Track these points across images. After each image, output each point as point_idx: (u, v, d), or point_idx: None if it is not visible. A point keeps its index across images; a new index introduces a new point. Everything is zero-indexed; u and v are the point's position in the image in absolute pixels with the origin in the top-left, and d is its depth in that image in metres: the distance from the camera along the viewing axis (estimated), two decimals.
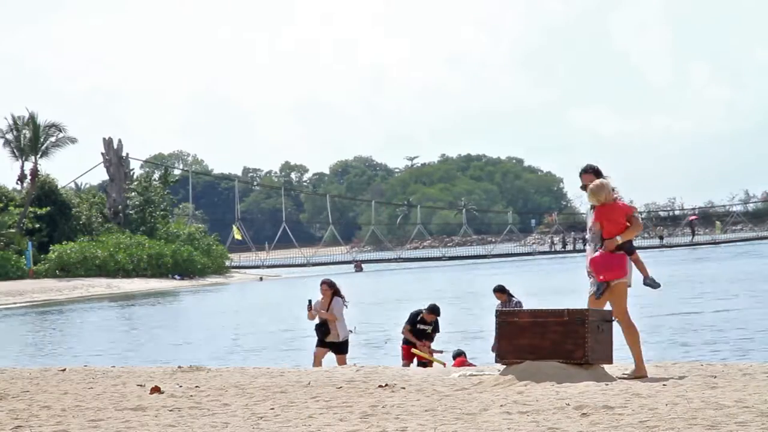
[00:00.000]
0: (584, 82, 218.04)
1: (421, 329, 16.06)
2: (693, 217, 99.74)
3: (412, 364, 15.66)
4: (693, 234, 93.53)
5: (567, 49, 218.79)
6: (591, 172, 10.25)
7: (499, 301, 15.73)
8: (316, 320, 16.02)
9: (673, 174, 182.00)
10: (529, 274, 54.20)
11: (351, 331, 26.82)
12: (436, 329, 16.16)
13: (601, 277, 9.65)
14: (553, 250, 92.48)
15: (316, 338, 16.17)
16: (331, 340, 15.82)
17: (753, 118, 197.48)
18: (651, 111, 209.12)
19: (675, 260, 62.75)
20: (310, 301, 15.90)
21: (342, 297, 15.99)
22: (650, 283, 9.81)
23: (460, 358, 15.75)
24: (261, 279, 71.59)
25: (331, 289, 15.89)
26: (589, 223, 9.98)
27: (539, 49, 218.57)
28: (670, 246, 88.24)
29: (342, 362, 15.85)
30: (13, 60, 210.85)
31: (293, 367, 15.17)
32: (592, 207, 9.97)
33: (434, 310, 16.11)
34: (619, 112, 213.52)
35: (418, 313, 16.17)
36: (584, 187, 10.12)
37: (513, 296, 15.82)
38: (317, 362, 15.90)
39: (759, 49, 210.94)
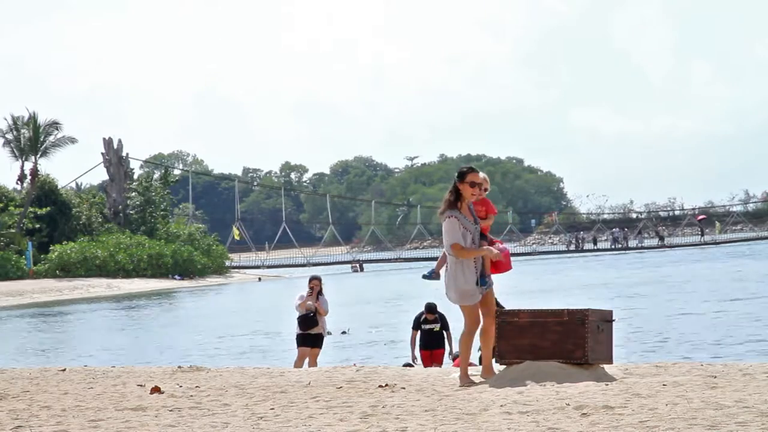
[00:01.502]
0: (585, 81, 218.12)
1: (427, 329, 16.04)
2: (701, 217, 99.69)
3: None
4: (702, 234, 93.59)
5: (568, 49, 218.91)
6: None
7: None
8: (300, 312, 16.26)
9: (673, 174, 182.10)
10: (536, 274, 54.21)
11: (345, 332, 26.93)
12: (444, 326, 16.06)
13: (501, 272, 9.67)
14: (568, 249, 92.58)
15: (297, 335, 16.30)
16: (317, 332, 16.18)
17: (754, 118, 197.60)
18: (652, 111, 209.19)
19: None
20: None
21: (324, 296, 16.45)
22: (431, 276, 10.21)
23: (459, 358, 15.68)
24: (259, 279, 71.53)
25: (320, 285, 16.31)
26: (468, 221, 9.49)
27: (540, 49, 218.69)
28: (671, 246, 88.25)
29: (316, 357, 16.11)
30: (13, 60, 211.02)
31: (294, 367, 15.16)
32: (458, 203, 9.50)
33: (431, 308, 16.03)
34: (620, 111, 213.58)
35: (420, 314, 16.17)
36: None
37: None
38: (300, 362, 16.01)
39: (760, 48, 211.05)
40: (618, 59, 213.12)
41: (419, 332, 16.05)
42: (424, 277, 10.57)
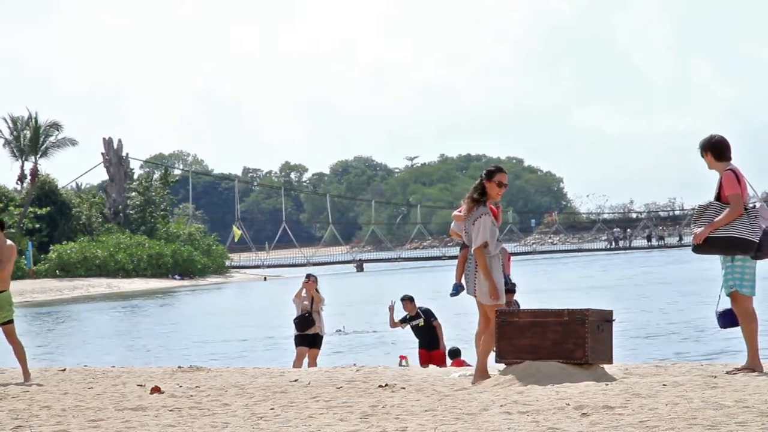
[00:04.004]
0: (586, 81, 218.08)
1: (413, 326, 16.05)
2: None
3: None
4: None
5: (569, 49, 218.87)
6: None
7: None
8: (296, 303, 16.40)
9: (674, 174, 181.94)
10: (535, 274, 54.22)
11: (339, 331, 26.99)
12: (428, 320, 15.99)
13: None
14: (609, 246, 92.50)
15: (294, 335, 16.38)
16: (314, 332, 16.22)
17: (755, 117, 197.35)
18: (654, 110, 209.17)
19: None
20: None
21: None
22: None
23: (458, 359, 15.67)
24: (265, 279, 71.52)
25: (316, 284, 16.50)
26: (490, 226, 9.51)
27: (541, 49, 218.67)
28: (669, 246, 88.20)
29: (315, 357, 16.15)
30: (13, 60, 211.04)
31: (293, 367, 15.17)
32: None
33: (406, 298, 16.07)
34: (621, 111, 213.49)
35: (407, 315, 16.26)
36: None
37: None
38: (299, 362, 16.02)
39: (762, 48, 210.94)
40: (619, 59, 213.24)
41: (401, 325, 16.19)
42: (452, 295, 10.54)
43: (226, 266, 76.77)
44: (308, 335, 16.24)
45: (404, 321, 16.20)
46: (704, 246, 9.13)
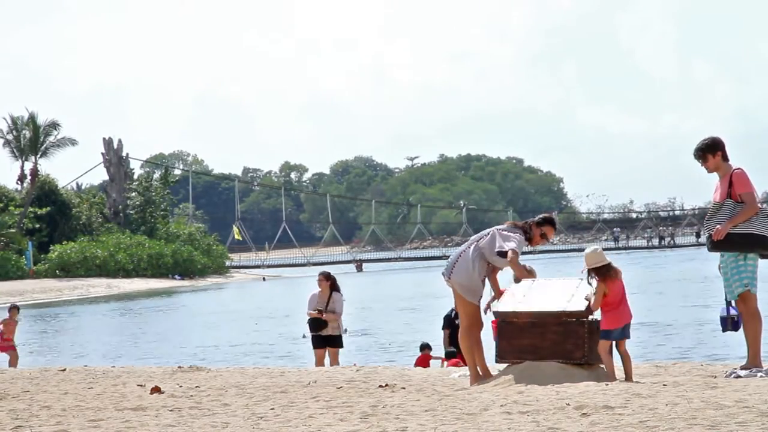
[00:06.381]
0: (588, 81, 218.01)
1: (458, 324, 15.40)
2: None
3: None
4: None
5: (571, 49, 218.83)
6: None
7: None
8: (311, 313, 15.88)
9: (677, 174, 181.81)
10: None
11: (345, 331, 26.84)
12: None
13: None
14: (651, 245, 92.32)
15: (311, 336, 16.02)
16: (328, 333, 15.36)
17: (758, 117, 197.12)
18: (657, 110, 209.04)
19: None
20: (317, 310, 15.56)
21: (340, 293, 15.52)
22: None
23: (455, 359, 15.54)
24: (264, 279, 71.55)
25: (329, 282, 15.40)
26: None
27: (543, 49, 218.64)
28: (671, 246, 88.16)
29: (336, 356, 15.57)
30: (14, 60, 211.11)
31: (293, 367, 15.18)
32: None
33: None
34: (624, 111, 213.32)
35: (451, 310, 14.83)
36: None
37: None
38: (320, 363, 15.64)
39: (764, 47, 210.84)
40: (622, 59, 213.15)
41: (450, 330, 14.90)
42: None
43: (226, 266, 76.81)
44: (322, 336, 15.62)
45: (450, 326, 15.33)
46: (723, 243, 9.04)
